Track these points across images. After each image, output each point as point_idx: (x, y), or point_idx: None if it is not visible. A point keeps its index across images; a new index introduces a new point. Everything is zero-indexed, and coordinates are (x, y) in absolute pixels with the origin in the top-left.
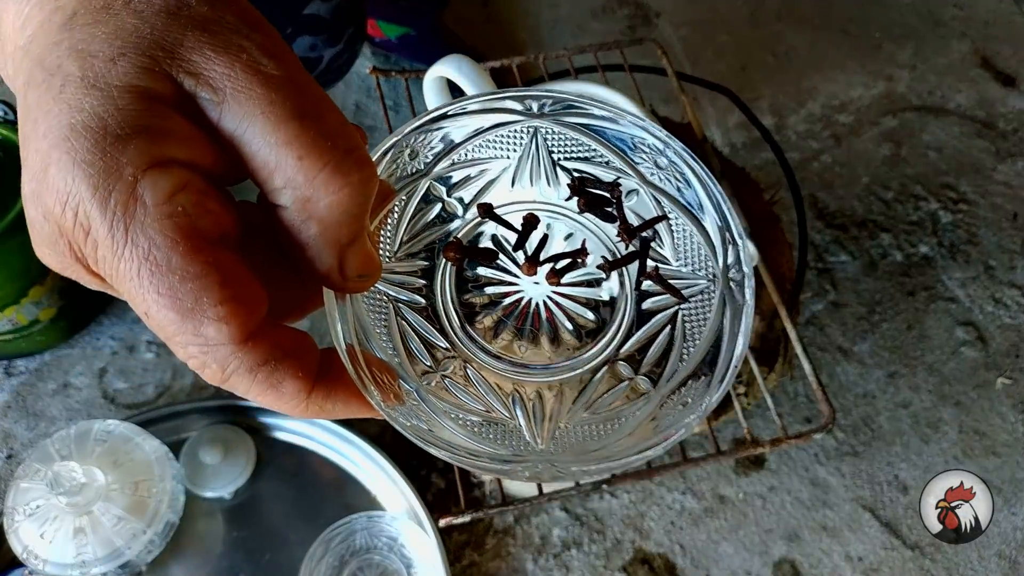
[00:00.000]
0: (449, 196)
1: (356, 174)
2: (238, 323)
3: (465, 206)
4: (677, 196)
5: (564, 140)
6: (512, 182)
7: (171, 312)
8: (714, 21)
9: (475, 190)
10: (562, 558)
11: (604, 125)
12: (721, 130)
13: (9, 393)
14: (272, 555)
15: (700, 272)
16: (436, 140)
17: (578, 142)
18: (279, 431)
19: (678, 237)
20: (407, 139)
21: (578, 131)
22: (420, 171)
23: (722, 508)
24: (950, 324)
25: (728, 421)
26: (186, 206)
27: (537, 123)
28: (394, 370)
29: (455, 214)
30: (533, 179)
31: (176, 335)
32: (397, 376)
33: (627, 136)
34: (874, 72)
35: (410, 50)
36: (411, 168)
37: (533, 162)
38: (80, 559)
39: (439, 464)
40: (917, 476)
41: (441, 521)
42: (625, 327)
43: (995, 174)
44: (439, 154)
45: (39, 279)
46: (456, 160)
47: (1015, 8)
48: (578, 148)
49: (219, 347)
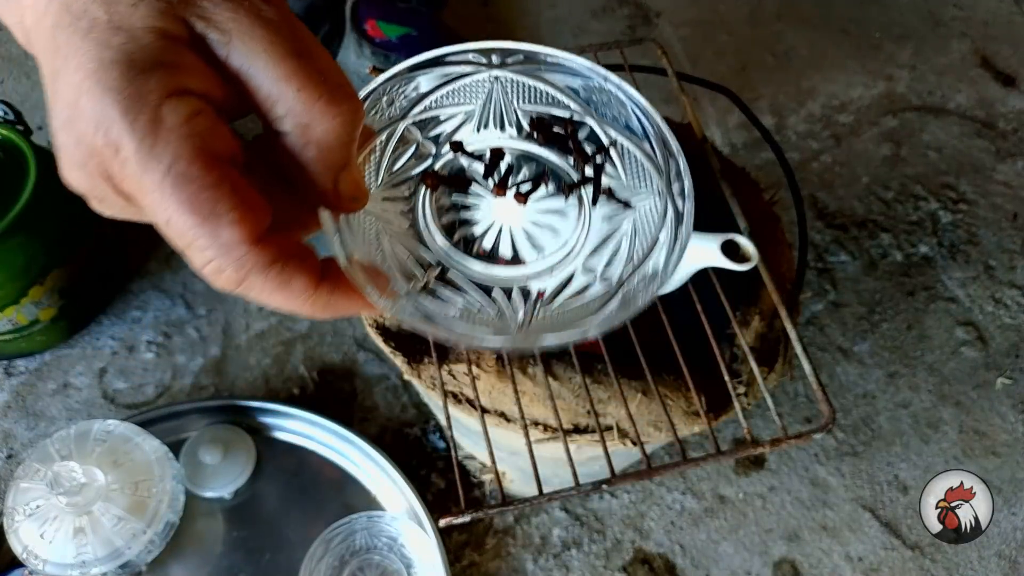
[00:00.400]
0: (423, 138)
1: (346, 104)
2: (250, 226)
3: (438, 144)
4: (621, 127)
5: (522, 87)
6: (478, 126)
7: (191, 217)
8: (714, 21)
9: (446, 132)
10: (562, 558)
11: (554, 73)
12: (721, 130)
13: (9, 393)
14: (272, 555)
15: (644, 188)
16: (410, 89)
17: (534, 88)
18: (279, 431)
19: (627, 161)
20: (384, 87)
21: (533, 77)
22: (396, 116)
23: (722, 508)
24: (950, 324)
25: (728, 421)
26: (201, 128)
27: (497, 72)
28: (386, 274)
29: (429, 153)
30: (497, 122)
31: (195, 239)
32: (389, 280)
33: (576, 78)
34: (874, 72)
35: (410, 50)
36: (389, 114)
37: (496, 106)
38: (80, 559)
39: (439, 464)
40: (917, 476)
41: (441, 521)
42: (583, 238)
43: (995, 174)
44: (413, 100)
45: (39, 279)
46: (428, 106)
47: (1015, 8)
48: (534, 93)
49: (234, 248)
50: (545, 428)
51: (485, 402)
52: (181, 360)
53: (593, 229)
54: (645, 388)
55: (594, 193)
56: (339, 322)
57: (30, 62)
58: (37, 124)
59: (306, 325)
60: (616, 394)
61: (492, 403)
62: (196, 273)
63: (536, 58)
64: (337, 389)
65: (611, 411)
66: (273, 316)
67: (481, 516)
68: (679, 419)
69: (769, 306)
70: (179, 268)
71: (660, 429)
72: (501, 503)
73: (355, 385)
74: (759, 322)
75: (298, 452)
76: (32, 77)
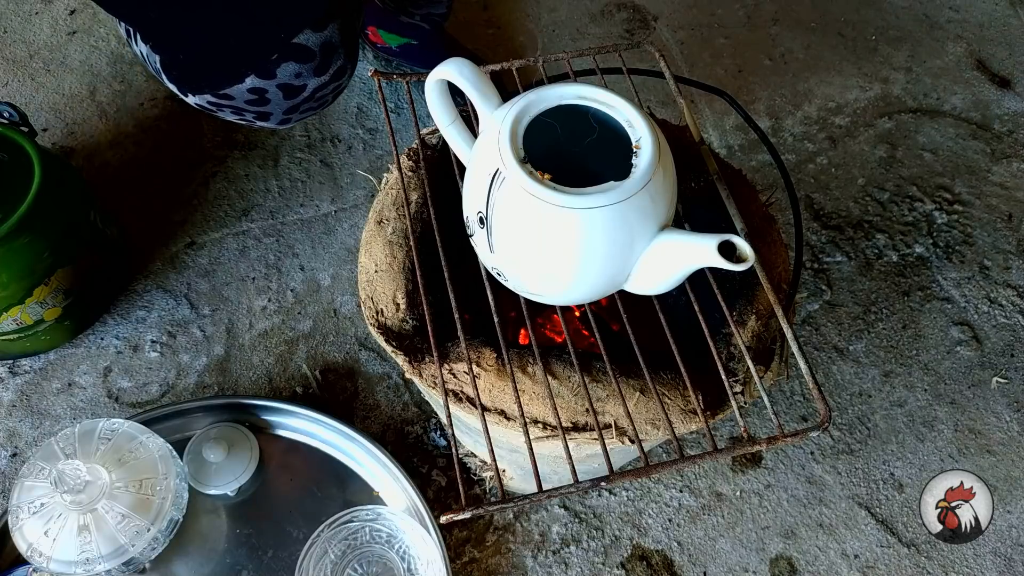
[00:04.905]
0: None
1: None
2: None
3: None
4: None
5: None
6: None
7: None
8: (711, 25)
9: None
10: (561, 555)
11: None
12: (718, 132)
13: (14, 392)
14: (275, 551)
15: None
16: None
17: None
18: (282, 429)
19: None
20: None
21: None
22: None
23: (719, 505)
24: (945, 324)
25: (725, 419)
26: None
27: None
28: None
29: None
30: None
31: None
32: None
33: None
34: (870, 74)
35: (411, 57)
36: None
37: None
38: (84, 556)
39: (440, 462)
40: (913, 474)
41: (442, 517)
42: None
43: (990, 175)
44: None
45: (44, 279)
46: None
47: (1010, 11)
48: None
49: None
50: (544, 426)
51: (485, 400)
52: (185, 359)
53: None
54: (643, 387)
55: None
56: (342, 322)
57: (35, 64)
58: (42, 126)
59: (309, 325)
60: (614, 393)
61: (492, 401)
62: (200, 273)
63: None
64: (339, 388)
65: (610, 409)
66: (276, 316)
67: (481, 513)
68: (677, 417)
69: (766, 306)
70: (183, 268)
71: (658, 427)
72: (501, 500)
73: (357, 384)
74: (756, 322)
75: (301, 450)
76: (36, 79)
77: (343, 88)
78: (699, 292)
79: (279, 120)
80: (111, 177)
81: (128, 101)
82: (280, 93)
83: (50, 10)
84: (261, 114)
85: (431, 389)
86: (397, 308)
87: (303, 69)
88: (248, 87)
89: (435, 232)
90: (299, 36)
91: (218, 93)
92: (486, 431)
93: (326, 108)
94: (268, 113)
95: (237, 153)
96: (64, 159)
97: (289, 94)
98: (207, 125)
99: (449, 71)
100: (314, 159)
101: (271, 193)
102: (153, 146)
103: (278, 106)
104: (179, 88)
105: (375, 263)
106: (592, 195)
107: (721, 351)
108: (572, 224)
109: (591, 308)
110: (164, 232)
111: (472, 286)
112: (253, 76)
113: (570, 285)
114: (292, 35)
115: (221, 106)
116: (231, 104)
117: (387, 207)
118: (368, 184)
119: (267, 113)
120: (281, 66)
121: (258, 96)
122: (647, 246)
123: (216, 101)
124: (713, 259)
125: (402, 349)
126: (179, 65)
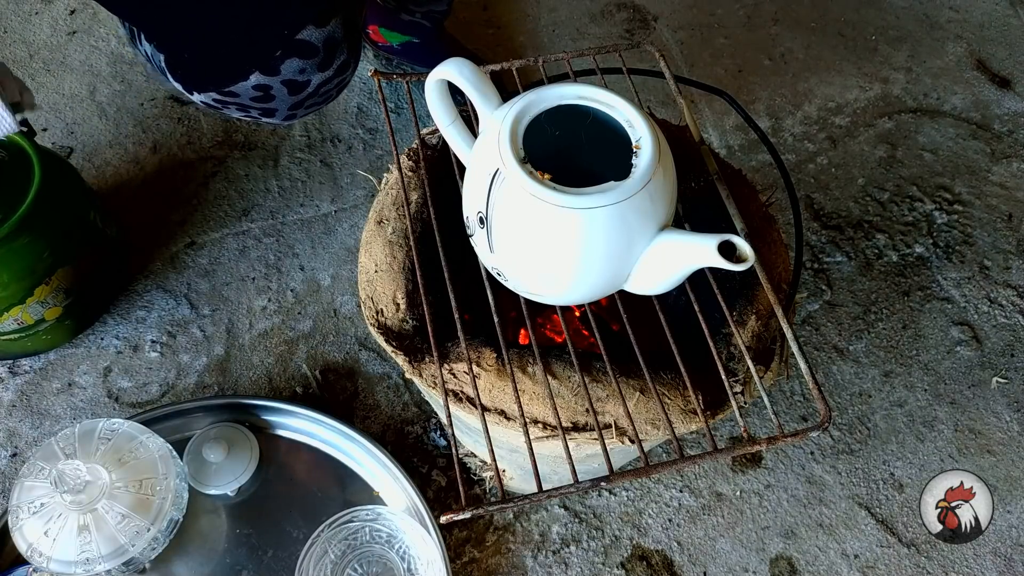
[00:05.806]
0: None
1: None
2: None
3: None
4: None
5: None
6: None
7: None
8: (711, 25)
9: None
10: (561, 554)
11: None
12: (718, 132)
13: (14, 392)
14: (275, 551)
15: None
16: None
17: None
18: (282, 429)
19: None
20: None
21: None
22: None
23: (719, 505)
24: (945, 324)
25: (725, 419)
26: None
27: None
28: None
29: None
30: None
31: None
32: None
33: None
34: (870, 75)
35: (412, 55)
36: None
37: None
38: (84, 556)
39: (440, 462)
40: (913, 474)
41: (442, 517)
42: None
43: (990, 175)
44: None
45: (44, 279)
46: None
47: (1010, 11)
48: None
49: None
50: (544, 426)
51: (485, 400)
52: (185, 359)
53: None
54: (643, 387)
55: None
56: (342, 322)
57: (35, 64)
58: (41, 126)
59: (309, 325)
60: (614, 393)
61: (492, 401)
62: (200, 273)
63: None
64: (340, 388)
65: (610, 409)
66: (276, 316)
67: (481, 513)
68: (677, 417)
69: (766, 306)
70: (183, 269)
71: (658, 427)
72: (501, 500)
73: (357, 384)
74: (756, 322)
75: (301, 450)
76: (37, 80)
77: (347, 83)
78: (699, 292)
79: (284, 116)
80: (111, 177)
81: (128, 101)
82: (285, 89)
83: (50, 10)
84: (266, 111)
85: (431, 389)
86: (397, 308)
87: (307, 65)
88: (253, 84)
89: (435, 232)
90: (302, 32)
91: (223, 91)
92: (486, 431)
93: (329, 104)
94: (273, 109)
95: (237, 153)
96: (64, 159)
97: (294, 90)
98: (207, 125)
99: (449, 71)
100: (314, 159)
101: (271, 193)
102: (153, 146)
103: (283, 102)
104: (184, 87)
105: (375, 263)
106: (592, 195)
107: (721, 351)
108: (572, 224)
109: (591, 308)
110: (164, 232)
111: (472, 286)
112: (257, 73)
113: (570, 285)
114: (295, 31)
115: (227, 103)
116: (236, 101)
117: (387, 207)
118: (368, 184)
119: (272, 109)
120: (285, 62)
121: (263, 93)
122: (647, 246)
123: (221, 99)
124: (713, 259)
125: (402, 349)
126: (184, 64)
